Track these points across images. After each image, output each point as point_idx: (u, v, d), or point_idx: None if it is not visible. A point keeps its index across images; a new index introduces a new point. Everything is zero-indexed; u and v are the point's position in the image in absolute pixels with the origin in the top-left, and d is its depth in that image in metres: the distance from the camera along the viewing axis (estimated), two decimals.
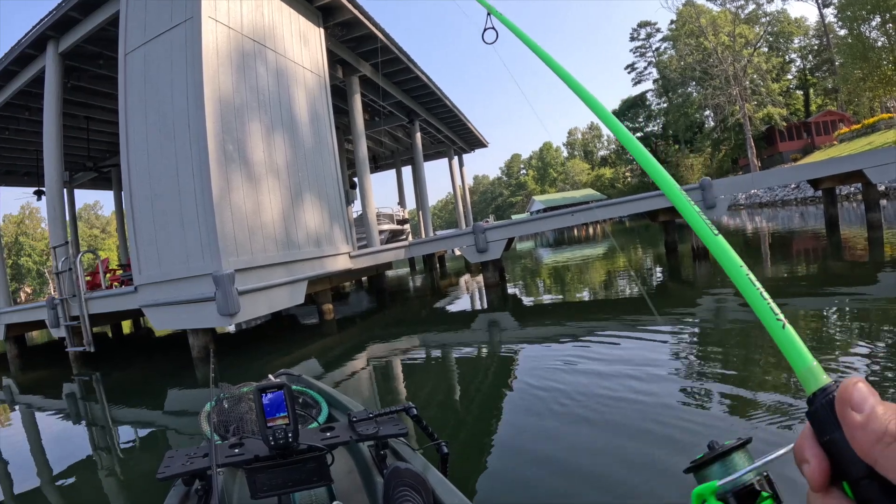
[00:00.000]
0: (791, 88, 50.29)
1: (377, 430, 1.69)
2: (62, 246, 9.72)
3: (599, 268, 14.21)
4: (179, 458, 1.57)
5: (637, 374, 4.13)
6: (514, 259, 22.95)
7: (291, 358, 7.61)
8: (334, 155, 11.01)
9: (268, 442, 1.48)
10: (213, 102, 7.56)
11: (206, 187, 7.28)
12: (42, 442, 5.65)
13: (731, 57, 44.46)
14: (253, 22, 8.86)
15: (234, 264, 7.36)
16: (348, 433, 1.66)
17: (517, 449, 3.28)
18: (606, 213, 11.82)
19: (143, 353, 11.61)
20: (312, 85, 10.57)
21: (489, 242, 11.30)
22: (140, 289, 8.26)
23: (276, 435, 1.47)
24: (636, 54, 62.98)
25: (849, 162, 10.82)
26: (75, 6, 9.36)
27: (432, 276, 19.37)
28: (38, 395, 8.33)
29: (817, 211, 19.86)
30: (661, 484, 2.49)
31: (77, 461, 4.49)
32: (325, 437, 1.63)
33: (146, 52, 8.12)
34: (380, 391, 5.45)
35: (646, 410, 3.41)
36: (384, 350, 7.46)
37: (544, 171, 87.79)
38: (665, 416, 3.28)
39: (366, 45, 12.92)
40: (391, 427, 1.73)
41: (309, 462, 1.52)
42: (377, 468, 1.78)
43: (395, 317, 11.06)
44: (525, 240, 40.26)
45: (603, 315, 7.44)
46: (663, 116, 60.63)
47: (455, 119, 22.60)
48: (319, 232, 9.91)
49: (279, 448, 1.49)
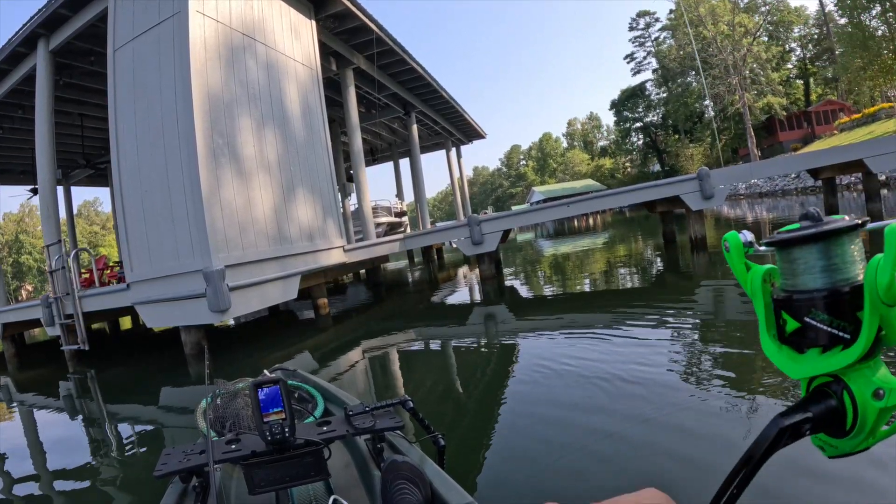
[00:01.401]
0: (791, 78, 49.93)
1: (374, 423, 1.69)
2: (55, 244, 9.69)
3: (598, 258, 14.18)
4: (176, 455, 1.57)
5: (635, 368, 4.10)
6: (514, 250, 22.94)
7: (284, 353, 7.60)
8: (327, 148, 10.94)
9: (264, 437, 1.48)
10: (202, 98, 7.49)
11: (195, 183, 7.23)
12: (39, 441, 5.66)
13: (730, 46, 44.17)
14: (242, 15, 8.77)
15: (224, 260, 7.33)
16: (345, 427, 1.66)
17: (513, 441, 3.29)
18: (603, 203, 11.76)
19: (140, 349, 11.60)
20: (304, 78, 10.48)
21: (484, 235, 11.25)
22: (132, 286, 8.23)
23: (273, 430, 1.47)
24: (635, 44, 62.60)
25: (849, 151, 10.76)
26: (64, 3, 9.28)
27: (430, 269, 19.34)
28: (35, 392, 8.33)
29: (817, 201, 19.76)
30: (659, 478, 2.46)
31: (74, 460, 4.49)
32: (322, 431, 1.62)
33: (135, 47, 8.05)
34: (375, 385, 5.46)
35: (644, 404, 3.38)
36: (378, 344, 7.46)
37: (544, 162, 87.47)
38: (664, 407, 3.25)
39: (359, 36, 12.82)
40: (388, 420, 1.73)
41: (306, 457, 1.52)
42: (374, 462, 1.78)
43: (390, 311, 11.03)
44: (525, 231, 40.26)
45: (601, 306, 7.42)
46: (663, 106, 60.30)
47: (452, 110, 22.48)
48: (312, 226, 9.86)
49: (276, 443, 1.49)
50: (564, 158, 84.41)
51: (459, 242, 11.58)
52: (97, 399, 7.19)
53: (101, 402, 6.97)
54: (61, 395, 7.87)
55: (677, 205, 11.07)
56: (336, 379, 5.74)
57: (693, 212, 10.74)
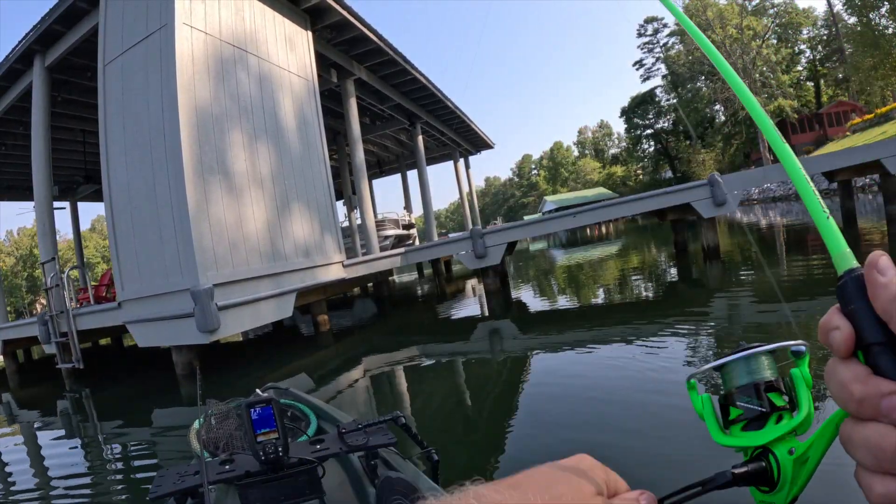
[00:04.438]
0: (801, 80, 49.34)
1: (367, 440, 1.70)
2: (49, 262, 9.55)
3: (610, 268, 13.81)
4: (170, 476, 1.56)
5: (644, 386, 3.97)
6: (525, 259, 22.65)
7: (279, 374, 7.34)
8: (325, 161, 10.67)
9: (258, 457, 1.48)
10: (189, 112, 7.29)
11: (182, 200, 7.01)
12: (32, 463, 5.60)
13: (739, 49, 43.71)
14: (233, 27, 8.58)
15: (213, 278, 7.07)
16: (338, 445, 1.67)
17: (509, 456, 3.31)
18: (611, 213, 11.39)
19: (139, 366, 11.40)
20: (300, 90, 10.26)
21: (488, 247, 10.93)
22: (123, 304, 8.04)
23: (267, 449, 1.47)
24: (644, 50, 62.21)
25: (866, 152, 10.38)
26: (58, 19, 9.23)
27: (438, 282, 19.03)
28: (34, 410, 8.42)
29: (832, 204, 19.21)
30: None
31: (68, 482, 4.45)
32: (315, 449, 1.64)
33: (123, 62, 7.91)
34: (371, 404, 5.42)
35: (646, 427, 3.26)
36: (377, 363, 7.26)
37: (555, 171, 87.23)
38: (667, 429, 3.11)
39: (359, 47, 12.64)
40: (381, 437, 1.73)
41: (300, 475, 1.54)
42: (369, 479, 1.79)
43: (393, 326, 10.76)
44: (537, 240, 39.99)
45: (610, 322, 7.08)
46: (673, 112, 59.80)
47: (458, 121, 22.26)
48: (309, 241, 9.58)
49: (270, 462, 1.49)
50: (576, 167, 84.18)
51: (462, 256, 11.26)
52: (92, 418, 7.14)
53: (95, 421, 6.93)
54: (59, 411, 7.92)
55: (689, 212, 10.68)
56: (333, 399, 5.63)
57: (705, 219, 10.34)
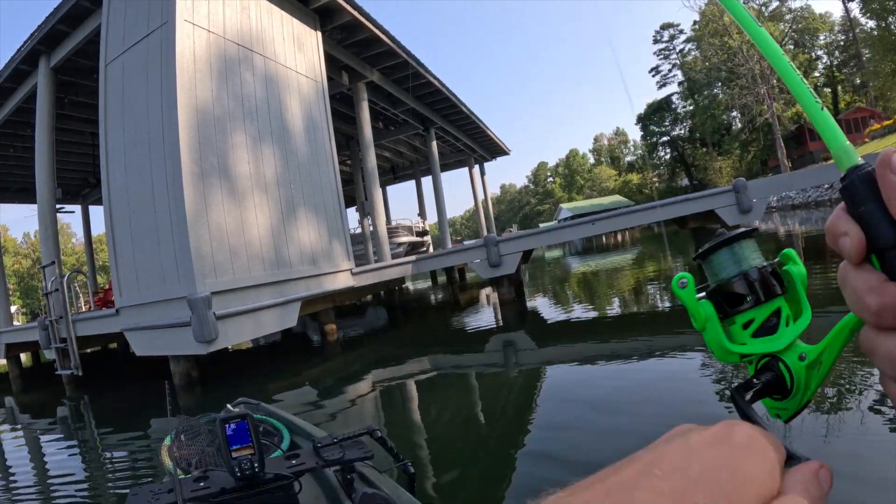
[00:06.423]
0: (818, 86, 48.52)
1: (343, 454, 1.67)
2: (50, 265, 9.31)
3: (627, 277, 13.35)
4: (144, 495, 1.49)
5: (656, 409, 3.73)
6: (541, 268, 22.24)
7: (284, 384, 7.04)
8: (334, 165, 10.33)
9: (234, 473, 1.44)
10: (189, 112, 7.00)
11: (179, 204, 6.71)
12: (31, 473, 5.40)
13: (756, 55, 43.07)
14: (238, 26, 8.30)
15: (211, 286, 6.74)
16: (314, 459, 1.64)
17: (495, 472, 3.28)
18: (632, 220, 10.95)
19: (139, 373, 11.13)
20: (308, 91, 9.95)
21: (503, 256, 10.52)
22: (121, 311, 7.77)
23: (242, 465, 1.44)
24: (660, 57, 61.62)
25: None
26: (62, 18, 9.08)
27: (452, 290, 18.64)
28: (34, 416, 8.33)
29: None
30: None
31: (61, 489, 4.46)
32: (291, 465, 1.61)
33: (124, 61, 7.68)
34: (367, 419, 5.27)
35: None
36: (383, 377, 6.92)
37: (571, 179, 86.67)
38: None
39: (371, 49, 12.35)
40: (357, 451, 1.71)
41: (276, 491, 1.50)
42: (346, 493, 1.77)
43: (402, 337, 10.38)
44: (553, 248, 39.60)
45: (625, 334, 6.75)
46: (689, 119, 59.06)
47: (473, 126, 21.93)
48: (316, 248, 9.23)
49: (245, 479, 1.45)
50: (591, 174, 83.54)
51: (476, 265, 10.85)
52: (90, 427, 6.99)
53: (94, 430, 6.77)
54: (57, 416, 7.91)
55: (712, 220, 10.22)
56: (334, 416, 5.37)
57: (729, 227, 9.84)
